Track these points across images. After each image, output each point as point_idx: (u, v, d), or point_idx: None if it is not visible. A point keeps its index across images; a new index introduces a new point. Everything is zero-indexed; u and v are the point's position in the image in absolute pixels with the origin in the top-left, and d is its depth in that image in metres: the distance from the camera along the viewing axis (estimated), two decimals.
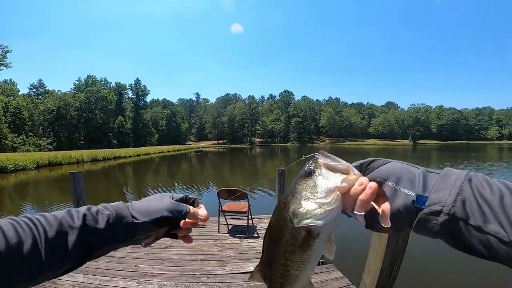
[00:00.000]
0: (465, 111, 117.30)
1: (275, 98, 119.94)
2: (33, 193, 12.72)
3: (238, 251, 3.90)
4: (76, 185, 5.61)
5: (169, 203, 0.52)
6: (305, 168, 0.42)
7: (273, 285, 0.46)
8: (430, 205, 0.35)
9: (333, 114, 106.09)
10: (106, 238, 0.46)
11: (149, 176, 19.81)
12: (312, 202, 0.39)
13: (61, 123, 63.55)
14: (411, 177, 0.38)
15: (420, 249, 4.99)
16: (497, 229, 0.31)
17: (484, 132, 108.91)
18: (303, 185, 0.40)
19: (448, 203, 0.34)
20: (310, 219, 0.38)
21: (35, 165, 21.38)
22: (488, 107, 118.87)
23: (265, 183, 12.49)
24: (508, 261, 0.31)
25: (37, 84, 74.32)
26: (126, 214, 0.49)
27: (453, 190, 0.34)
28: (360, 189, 0.39)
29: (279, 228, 0.41)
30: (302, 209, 0.39)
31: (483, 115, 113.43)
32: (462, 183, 0.35)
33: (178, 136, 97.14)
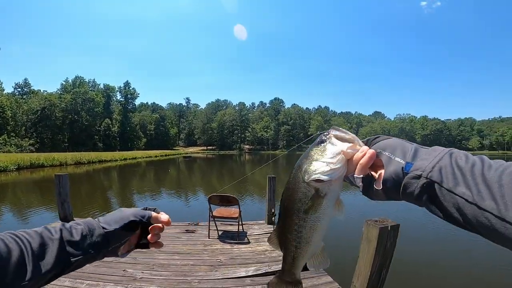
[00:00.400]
0: (448, 121, 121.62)
1: (265, 105, 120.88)
2: (13, 195, 12.21)
3: (228, 257, 3.90)
4: (61, 188, 5.49)
5: (133, 211, 0.58)
6: (318, 138, 0.49)
7: (288, 248, 0.51)
8: (413, 170, 0.41)
9: (322, 123, 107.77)
10: (83, 248, 0.51)
11: (135, 181, 19.40)
12: (320, 162, 0.45)
13: (45, 124, 61.51)
14: (404, 149, 0.45)
15: (407, 253, 5.21)
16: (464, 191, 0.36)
17: (466, 143, 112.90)
18: (315, 150, 0.47)
19: (427, 168, 0.40)
20: (318, 174, 0.44)
21: (16, 166, 20.57)
22: (470, 118, 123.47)
23: (255, 190, 12.50)
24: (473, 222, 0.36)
25: (23, 83, 71.99)
26: (97, 226, 0.54)
27: (434, 159, 0.41)
28: (361, 155, 0.45)
29: (293, 187, 0.47)
30: (312, 167, 0.45)
31: (465, 125, 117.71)
32: (444, 154, 0.41)
33: (167, 141, 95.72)
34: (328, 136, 0.48)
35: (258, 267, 3.49)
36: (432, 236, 6.93)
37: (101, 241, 0.53)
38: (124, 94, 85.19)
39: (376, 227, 2.47)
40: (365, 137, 0.48)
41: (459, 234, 6.34)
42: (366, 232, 2.62)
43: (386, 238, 2.45)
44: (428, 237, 6.93)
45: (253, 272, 3.36)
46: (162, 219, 0.60)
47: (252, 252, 4.07)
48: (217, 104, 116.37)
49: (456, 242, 6.29)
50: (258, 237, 4.74)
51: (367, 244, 2.37)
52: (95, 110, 71.06)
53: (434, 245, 6.32)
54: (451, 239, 6.44)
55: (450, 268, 5.08)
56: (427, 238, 6.82)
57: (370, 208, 10.47)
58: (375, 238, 2.49)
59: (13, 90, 70.33)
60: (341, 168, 0.45)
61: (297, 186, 0.46)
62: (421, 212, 9.07)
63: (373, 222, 2.55)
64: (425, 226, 7.61)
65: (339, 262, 4.48)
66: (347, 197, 13.18)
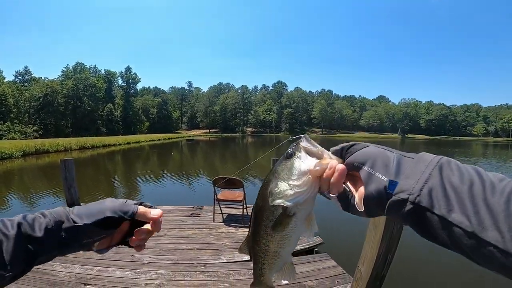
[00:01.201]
0: (453, 107, 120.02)
1: (268, 88, 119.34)
2: (20, 182, 12.40)
3: (233, 240, 3.94)
4: (67, 173, 5.50)
5: (113, 204, 0.49)
6: (288, 150, 0.45)
7: (256, 259, 0.49)
8: (398, 193, 0.35)
9: (325, 106, 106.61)
10: (47, 244, 0.44)
11: (139, 164, 19.58)
12: (285, 183, 0.42)
13: (48, 110, 61.48)
14: (385, 162, 0.38)
15: (413, 238, 5.18)
16: (462, 219, 0.30)
17: (471, 129, 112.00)
18: (283, 166, 0.43)
19: (414, 191, 0.33)
20: (281, 199, 0.41)
21: (21, 153, 20.75)
22: (476, 104, 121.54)
23: (259, 173, 12.56)
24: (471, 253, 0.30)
25: (23, 71, 71.32)
26: (66, 218, 0.47)
27: (421, 176, 0.34)
28: (330, 173, 0.40)
29: (261, 204, 0.45)
30: (277, 189, 0.42)
31: (471, 111, 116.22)
32: (432, 170, 0.34)
33: (169, 124, 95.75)
34: (297, 149, 0.44)
35: None
36: None
37: (68, 237, 0.46)
38: (126, 79, 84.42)
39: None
40: (368, 121, 0.43)
41: None
42: (373, 217, 2.60)
43: (393, 223, 2.43)
44: None
45: None
46: (150, 215, 0.50)
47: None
48: (219, 88, 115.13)
49: None
50: None
51: (373, 229, 2.34)
52: (97, 95, 70.82)
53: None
54: None
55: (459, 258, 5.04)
56: None
57: None
58: (382, 223, 2.46)
59: (14, 78, 69.88)
60: (307, 191, 0.42)
61: (264, 203, 0.44)
62: None
63: None
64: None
65: (343, 247, 4.52)
66: None
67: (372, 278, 2.15)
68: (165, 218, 4.87)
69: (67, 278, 2.79)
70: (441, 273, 4.15)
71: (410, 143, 64.80)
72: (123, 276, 2.84)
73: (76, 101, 66.56)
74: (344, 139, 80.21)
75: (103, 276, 2.84)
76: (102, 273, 2.91)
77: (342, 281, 2.80)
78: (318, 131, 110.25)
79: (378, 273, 2.20)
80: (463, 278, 3.89)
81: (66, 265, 3.02)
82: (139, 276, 2.85)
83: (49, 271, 2.89)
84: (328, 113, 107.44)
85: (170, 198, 8.78)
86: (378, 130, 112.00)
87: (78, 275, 2.85)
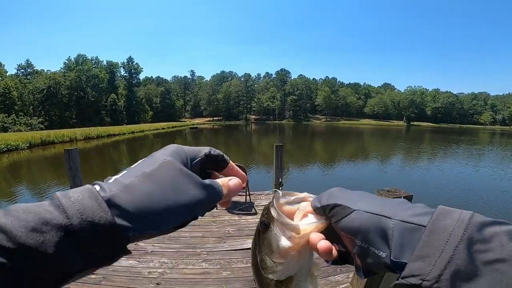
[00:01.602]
0: (460, 95, 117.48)
1: (271, 76, 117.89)
2: (27, 173, 12.58)
3: (236, 228, 3.94)
4: (71, 162, 5.49)
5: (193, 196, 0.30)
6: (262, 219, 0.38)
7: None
8: (407, 277, 0.25)
9: (329, 93, 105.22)
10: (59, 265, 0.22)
11: (143, 153, 19.56)
12: (270, 260, 0.38)
13: (52, 102, 61.80)
14: (382, 233, 0.28)
15: None
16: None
17: (478, 117, 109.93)
18: (262, 239, 0.39)
19: (430, 277, 0.23)
20: (270, 274, 0.38)
21: (27, 144, 20.99)
22: (484, 93, 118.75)
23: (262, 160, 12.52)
24: None
25: (25, 64, 71.24)
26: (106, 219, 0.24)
27: (440, 257, 0.24)
28: (313, 248, 0.33)
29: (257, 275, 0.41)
30: (264, 264, 0.39)
31: (479, 100, 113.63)
32: (456, 246, 0.23)
33: (173, 113, 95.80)
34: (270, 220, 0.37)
35: None
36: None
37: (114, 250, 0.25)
38: (128, 69, 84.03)
39: (388, 198, 2.37)
40: (373, 108, 0.33)
41: (479, 208, 6.05)
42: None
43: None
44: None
45: None
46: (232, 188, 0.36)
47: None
48: (222, 76, 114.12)
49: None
50: None
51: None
52: (100, 86, 70.78)
53: None
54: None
55: None
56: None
57: (381, 179, 10.46)
58: None
59: (16, 72, 69.98)
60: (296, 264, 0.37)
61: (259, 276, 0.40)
62: (436, 184, 9.02)
63: (385, 192, 2.44)
64: (440, 199, 7.51)
65: None
66: (356, 168, 13.17)
67: None
68: None
69: None
70: None
71: (415, 130, 64.07)
72: (127, 265, 2.85)
73: (80, 92, 66.66)
74: (348, 126, 79.99)
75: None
76: None
77: (345, 269, 2.77)
78: (322, 118, 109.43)
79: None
80: None
81: None
82: (142, 265, 2.87)
83: None
84: (332, 100, 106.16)
85: None
86: (383, 118, 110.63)
87: None
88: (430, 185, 9.19)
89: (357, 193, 0.33)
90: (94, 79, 69.38)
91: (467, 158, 17.15)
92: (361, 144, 28.00)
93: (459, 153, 19.56)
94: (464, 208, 0.23)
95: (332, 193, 0.34)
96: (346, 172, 11.86)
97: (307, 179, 10.32)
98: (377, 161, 15.43)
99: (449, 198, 7.63)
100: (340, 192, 0.34)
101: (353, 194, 0.33)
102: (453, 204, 2.56)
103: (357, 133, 44.60)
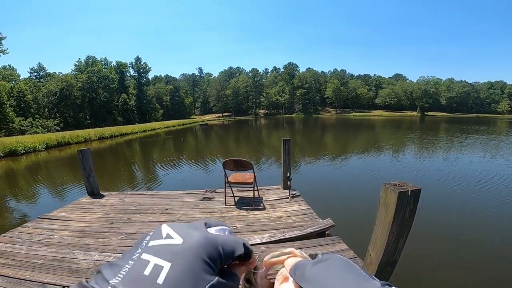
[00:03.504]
0: (476, 84, 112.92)
1: (279, 70, 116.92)
2: (45, 173, 13.06)
3: (244, 223, 3.98)
4: (85, 163, 5.67)
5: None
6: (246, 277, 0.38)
7: None
8: None
9: (338, 86, 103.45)
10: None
11: (156, 151, 20.08)
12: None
13: (66, 104, 63.55)
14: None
15: (427, 224, 4.97)
16: None
17: (495, 106, 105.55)
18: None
19: None
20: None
21: (44, 146, 21.71)
22: (500, 81, 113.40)
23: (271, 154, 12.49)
24: None
25: (37, 67, 73.46)
26: None
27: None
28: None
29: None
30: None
31: (495, 88, 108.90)
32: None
33: (183, 110, 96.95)
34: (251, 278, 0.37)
35: (273, 234, 3.54)
36: (457, 206, 6.17)
37: None
38: (136, 69, 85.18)
39: (394, 191, 2.32)
40: (385, 99, 0.30)
41: (491, 208, 5.78)
42: (383, 197, 2.48)
43: (405, 204, 2.32)
44: (453, 207, 6.18)
45: (268, 239, 3.41)
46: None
47: (267, 219, 4.12)
48: (230, 72, 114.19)
49: (488, 215, 5.52)
50: (273, 203, 4.77)
51: (384, 210, 2.26)
52: (111, 86, 72.27)
53: (459, 216, 5.59)
54: (481, 211, 5.75)
55: (477, 245, 4.31)
56: (451, 208, 6.09)
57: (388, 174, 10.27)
58: (393, 204, 2.36)
59: (29, 75, 72.37)
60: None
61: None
62: (446, 179, 8.75)
63: (391, 186, 2.41)
64: (450, 195, 7.27)
65: (355, 229, 4.45)
66: (362, 161, 12.96)
67: (383, 263, 2.07)
68: (179, 203, 4.99)
69: (86, 265, 2.92)
70: (463, 261, 3.90)
71: (430, 120, 62.30)
72: None
73: (92, 93, 68.20)
74: (360, 118, 78.62)
75: None
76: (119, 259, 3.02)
77: None
78: (332, 111, 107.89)
79: (389, 258, 2.12)
80: (482, 275, 3.54)
81: (86, 252, 3.17)
82: None
83: (71, 259, 3.04)
84: (342, 92, 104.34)
85: (185, 183, 9.00)
86: (396, 108, 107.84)
87: (97, 262, 2.97)
88: (441, 178, 8.95)
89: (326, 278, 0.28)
90: (104, 80, 70.82)
91: (483, 149, 16.57)
92: (372, 135, 27.50)
93: (474, 144, 18.93)
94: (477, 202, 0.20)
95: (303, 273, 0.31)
96: (355, 165, 11.69)
97: (316, 172, 10.25)
98: (388, 153, 15.15)
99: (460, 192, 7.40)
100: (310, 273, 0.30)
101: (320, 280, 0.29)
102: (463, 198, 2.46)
103: (368, 125, 43.78)
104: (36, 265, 2.92)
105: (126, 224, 4.08)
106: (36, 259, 3.06)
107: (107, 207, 4.93)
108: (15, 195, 8.98)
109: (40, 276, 2.69)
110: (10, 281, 2.62)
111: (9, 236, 3.70)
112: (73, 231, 3.87)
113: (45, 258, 3.08)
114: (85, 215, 4.54)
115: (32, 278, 2.66)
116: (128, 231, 3.80)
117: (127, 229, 3.87)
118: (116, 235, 3.66)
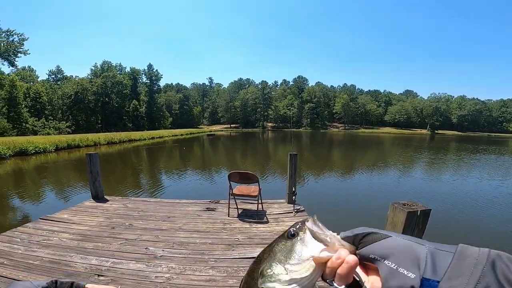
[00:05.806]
0: (489, 102, 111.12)
1: (288, 83, 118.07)
2: (53, 175, 13.23)
3: (247, 236, 3.88)
4: (92, 166, 5.71)
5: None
6: (290, 229, 0.38)
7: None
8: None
9: (347, 101, 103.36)
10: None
11: (162, 158, 20.20)
12: (281, 266, 0.36)
13: (79, 107, 65.23)
14: (414, 257, 0.31)
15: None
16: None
17: (507, 125, 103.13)
18: (281, 246, 0.37)
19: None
20: (274, 283, 0.35)
21: (54, 147, 22.15)
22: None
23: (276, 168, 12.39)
24: None
25: (56, 70, 76.66)
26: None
27: (471, 277, 0.27)
28: (337, 263, 0.34)
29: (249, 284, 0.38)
30: (270, 271, 0.36)
31: (508, 106, 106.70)
32: (483, 267, 0.28)
33: (191, 119, 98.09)
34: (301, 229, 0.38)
35: None
36: (466, 228, 6.14)
37: None
38: (149, 76, 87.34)
39: (403, 211, 2.24)
40: (394, 116, 0.33)
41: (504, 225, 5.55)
42: (391, 216, 2.39)
43: (414, 224, 2.22)
44: (463, 227, 6.15)
45: None
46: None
47: (270, 232, 4.01)
48: (239, 83, 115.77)
49: (501, 237, 5.44)
50: (277, 217, 4.67)
51: (391, 229, 2.16)
52: (124, 92, 74.08)
53: (468, 239, 5.55)
54: (492, 233, 5.63)
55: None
56: (461, 229, 6.05)
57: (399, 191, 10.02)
58: (401, 223, 2.26)
59: (47, 77, 75.24)
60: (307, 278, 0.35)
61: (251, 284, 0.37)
62: (458, 198, 8.50)
63: (400, 205, 2.32)
64: (461, 214, 7.05)
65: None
66: (370, 177, 12.73)
67: None
68: (181, 212, 4.94)
69: (83, 269, 2.87)
70: None
71: (440, 139, 61.23)
72: (135, 269, 2.88)
73: (105, 98, 69.93)
74: (368, 134, 77.93)
75: (116, 268, 2.89)
76: (116, 265, 2.96)
77: None
78: (340, 126, 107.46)
79: None
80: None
81: (84, 256, 3.13)
82: (151, 269, 2.88)
83: (68, 262, 3.00)
84: (351, 108, 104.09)
85: (189, 192, 8.95)
86: (405, 126, 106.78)
87: (94, 266, 2.92)
88: (451, 199, 8.67)
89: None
90: (118, 85, 72.75)
91: (493, 170, 16.10)
92: (380, 153, 27.11)
93: (485, 165, 18.41)
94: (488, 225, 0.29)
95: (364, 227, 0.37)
96: (362, 182, 11.47)
97: (321, 189, 10.09)
98: (396, 171, 14.84)
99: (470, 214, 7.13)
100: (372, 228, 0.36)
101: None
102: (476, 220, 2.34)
103: (377, 142, 43.30)
104: (31, 266, 2.89)
105: (127, 230, 4.03)
106: (32, 260, 3.03)
107: (110, 212, 4.90)
108: (20, 194, 9.08)
109: (34, 278, 2.64)
110: (3, 281, 2.58)
111: (8, 235, 3.69)
112: (73, 234, 3.84)
113: (42, 259, 3.05)
114: (87, 219, 4.52)
115: (25, 279, 2.60)
116: (129, 237, 3.75)
117: (127, 235, 3.82)
118: (116, 240, 3.61)
